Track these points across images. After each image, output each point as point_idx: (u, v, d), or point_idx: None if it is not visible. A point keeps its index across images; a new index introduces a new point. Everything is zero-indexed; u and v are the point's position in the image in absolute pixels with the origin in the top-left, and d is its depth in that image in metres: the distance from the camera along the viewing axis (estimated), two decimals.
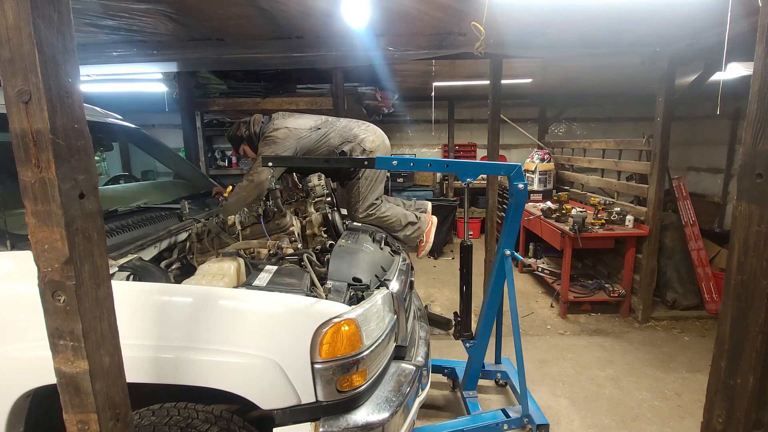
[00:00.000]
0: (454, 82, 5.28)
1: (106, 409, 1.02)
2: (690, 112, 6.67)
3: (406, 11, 2.50)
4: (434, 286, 4.88)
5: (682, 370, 3.14)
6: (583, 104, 7.07)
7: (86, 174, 0.96)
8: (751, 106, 0.93)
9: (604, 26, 2.81)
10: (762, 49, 0.91)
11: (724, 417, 1.02)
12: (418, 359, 1.86)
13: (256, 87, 4.12)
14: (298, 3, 2.37)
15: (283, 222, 2.07)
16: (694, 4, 2.39)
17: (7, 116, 0.88)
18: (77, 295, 0.95)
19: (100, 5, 2.30)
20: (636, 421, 2.59)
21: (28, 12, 0.83)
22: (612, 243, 4.02)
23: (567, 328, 3.82)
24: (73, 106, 0.92)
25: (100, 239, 1.00)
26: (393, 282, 1.82)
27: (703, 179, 6.69)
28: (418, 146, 7.77)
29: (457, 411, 2.66)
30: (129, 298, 1.36)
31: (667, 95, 3.52)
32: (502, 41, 3.01)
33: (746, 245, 0.95)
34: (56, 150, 0.88)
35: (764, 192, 0.91)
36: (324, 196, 2.46)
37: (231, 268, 1.64)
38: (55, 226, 0.90)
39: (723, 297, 1.03)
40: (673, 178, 4.31)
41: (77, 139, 0.93)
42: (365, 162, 2.06)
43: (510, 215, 2.22)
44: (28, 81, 0.85)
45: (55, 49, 0.88)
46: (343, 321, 1.41)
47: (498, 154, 3.72)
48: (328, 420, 1.41)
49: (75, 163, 0.93)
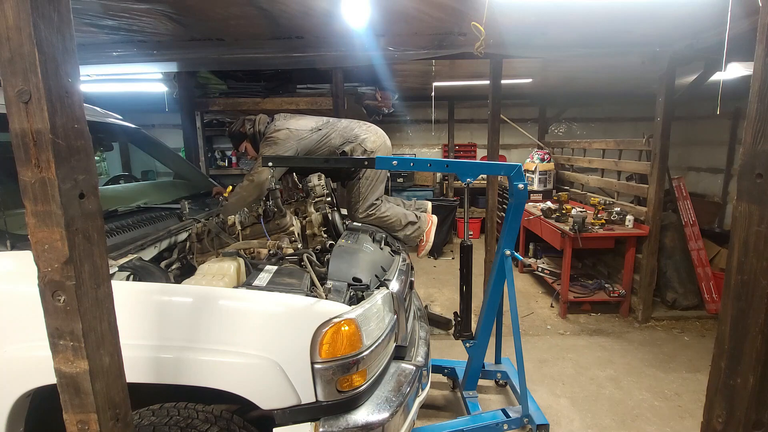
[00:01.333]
0: (454, 82, 5.28)
1: (106, 409, 1.02)
2: (690, 112, 6.67)
3: (406, 11, 2.50)
4: (434, 286, 4.88)
5: (682, 370, 3.14)
6: (583, 104, 7.07)
7: (86, 174, 0.96)
8: (751, 106, 0.93)
9: (604, 26, 2.81)
10: (762, 49, 0.91)
11: (724, 417, 1.02)
12: (418, 359, 1.86)
13: (256, 87, 4.13)
14: (298, 3, 2.37)
15: (283, 222, 2.07)
16: (694, 4, 2.39)
17: (7, 116, 0.88)
18: (77, 295, 0.95)
19: (100, 5, 2.30)
20: (636, 421, 2.59)
21: (28, 12, 0.83)
22: (612, 243, 4.02)
23: (567, 328, 3.82)
24: (73, 106, 0.92)
25: (100, 239, 1.00)
26: (393, 282, 1.82)
27: (703, 179, 6.69)
28: (418, 146, 7.77)
29: (457, 411, 2.66)
30: (129, 298, 1.36)
31: (667, 95, 3.52)
32: (502, 41, 3.01)
33: (746, 245, 0.95)
34: (56, 150, 0.88)
35: (764, 192, 0.91)
36: (324, 196, 2.46)
37: (231, 268, 1.64)
38: (55, 226, 0.90)
39: (723, 297, 1.03)
40: (673, 178, 4.31)
41: (77, 139, 0.93)
42: (365, 162, 2.06)
43: (510, 215, 2.22)
44: (28, 81, 0.85)
45: (55, 49, 0.88)
46: (343, 321, 1.41)
47: (498, 154, 3.72)
48: (328, 420, 1.41)
49: (75, 163, 0.93)
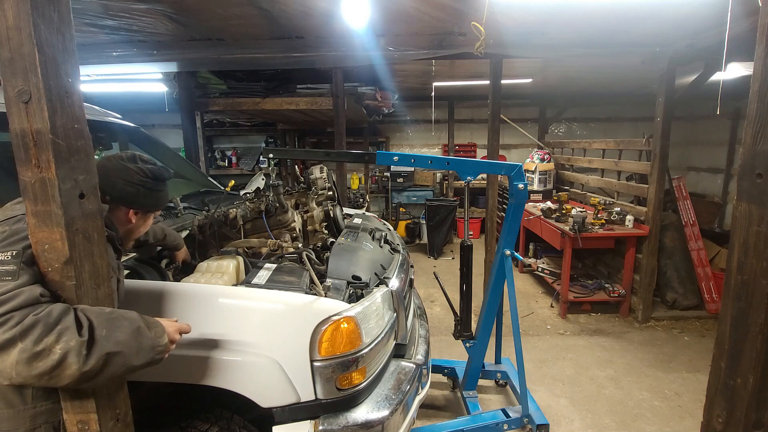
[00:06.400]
0: (454, 82, 5.28)
1: (106, 409, 1.02)
2: (690, 112, 6.67)
3: (406, 11, 2.50)
4: (434, 285, 4.88)
5: (682, 370, 3.14)
6: (583, 104, 7.07)
7: (86, 174, 0.96)
8: (751, 106, 0.93)
9: (604, 26, 2.81)
10: (762, 49, 0.91)
11: (724, 417, 1.02)
12: (417, 357, 1.86)
13: (256, 87, 4.12)
14: (298, 3, 2.37)
15: (284, 218, 2.07)
16: (694, 4, 2.39)
17: (7, 116, 0.88)
18: (77, 295, 0.95)
19: (100, 5, 2.30)
20: (636, 421, 2.59)
21: (28, 12, 0.83)
22: (612, 243, 4.02)
23: (567, 328, 3.82)
24: (73, 106, 0.92)
25: (100, 239, 1.00)
26: (393, 280, 1.82)
27: (703, 179, 6.69)
28: (418, 146, 7.77)
29: (457, 411, 2.66)
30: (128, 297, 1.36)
31: (667, 95, 3.52)
32: (502, 41, 3.01)
33: (746, 245, 0.95)
34: (56, 150, 0.88)
35: (764, 192, 0.91)
36: (326, 190, 2.45)
37: (230, 265, 1.64)
38: (55, 226, 0.90)
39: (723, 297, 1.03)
40: (673, 178, 4.31)
41: (77, 139, 0.93)
42: (365, 157, 2.06)
43: (510, 215, 2.23)
44: (28, 81, 0.85)
45: (55, 49, 0.88)
46: (343, 318, 1.41)
47: (498, 154, 3.73)
48: (327, 418, 1.41)
49: (75, 163, 0.93)
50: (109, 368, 0.93)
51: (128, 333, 0.97)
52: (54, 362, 0.85)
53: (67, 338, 0.87)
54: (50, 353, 0.85)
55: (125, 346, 0.95)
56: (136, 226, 1.32)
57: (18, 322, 0.84)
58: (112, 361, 0.93)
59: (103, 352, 0.91)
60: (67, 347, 0.86)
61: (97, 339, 0.91)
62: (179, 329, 1.14)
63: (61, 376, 0.87)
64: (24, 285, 0.88)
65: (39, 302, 0.89)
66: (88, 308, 0.94)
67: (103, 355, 0.91)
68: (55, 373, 0.86)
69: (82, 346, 0.88)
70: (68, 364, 0.86)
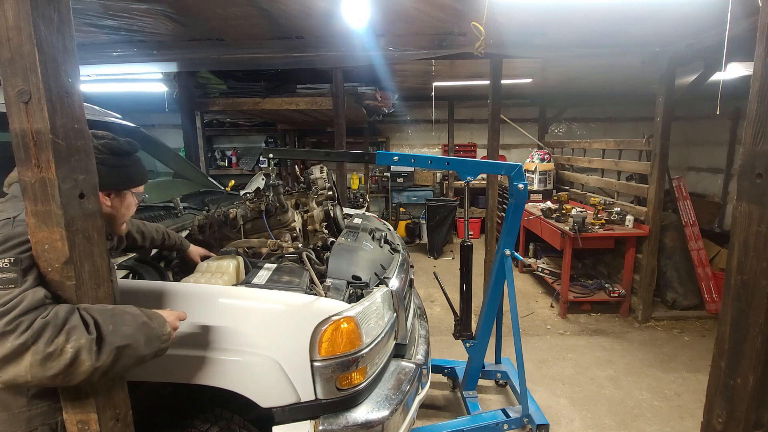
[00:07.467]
0: (454, 82, 5.28)
1: (106, 409, 1.02)
2: (690, 112, 6.67)
3: (406, 11, 2.50)
4: (434, 285, 4.88)
5: (682, 370, 3.14)
6: (583, 104, 7.07)
7: (86, 174, 0.96)
8: (751, 106, 0.93)
9: (604, 26, 2.81)
10: (762, 49, 0.91)
11: (724, 417, 1.02)
12: (418, 357, 1.86)
13: (256, 87, 4.12)
14: (298, 3, 2.37)
15: (285, 218, 2.08)
16: (694, 4, 2.39)
17: (7, 116, 0.88)
18: (77, 295, 0.95)
19: (100, 5, 2.30)
20: (636, 421, 2.59)
21: (28, 12, 0.83)
22: (612, 243, 4.02)
23: (567, 328, 3.82)
24: (73, 106, 0.92)
25: (100, 239, 1.00)
26: (393, 280, 1.82)
27: (703, 179, 6.69)
28: (418, 146, 7.77)
29: (457, 411, 2.66)
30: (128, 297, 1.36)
31: (667, 95, 3.52)
32: (502, 41, 3.01)
33: (746, 245, 0.95)
34: (56, 150, 0.88)
35: (764, 192, 0.91)
36: (326, 190, 2.45)
37: (230, 265, 1.64)
38: (55, 226, 0.90)
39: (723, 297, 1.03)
40: (673, 178, 4.31)
41: (77, 139, 0.93)
42: (365, 157, 2.06)
43: (510, 215, 2.23)
44: (28, 81, 0.85)
45: (55, 49, 0.88)
46: (343, 318, 1.41)
47: (498, 154, 3.72)
48: (327, 418, 1.41)
49: (75, 163, 0.93)
50: (121, 361, 0.96)
51: (134, 326, 1.00)
52: (67, 361, 0.87)
53: (77, 336, 0.89)
54: (62, 353, 0.87)
55: (133, 338, 0.98)
56: (116, 209, 1.22)
57: (28, 326, 0.86)
58: (123, 354, 0.96)
59: (113, 346, 0.94)
60: (78, 345, 0.88)
61: (105, 335, 0.93)
62: (177, 316, 1.19)
63: (76, 373, 0.89)
64: (27, 289, 0.89)
65: (44, 304, 0.90)
66: (90, 306, 0.96)
67: (113, 350, 0.93)
68: (69, 372, 0.88)
69: (91, 343, 0.90)
70: (81, 362, 0.89)
